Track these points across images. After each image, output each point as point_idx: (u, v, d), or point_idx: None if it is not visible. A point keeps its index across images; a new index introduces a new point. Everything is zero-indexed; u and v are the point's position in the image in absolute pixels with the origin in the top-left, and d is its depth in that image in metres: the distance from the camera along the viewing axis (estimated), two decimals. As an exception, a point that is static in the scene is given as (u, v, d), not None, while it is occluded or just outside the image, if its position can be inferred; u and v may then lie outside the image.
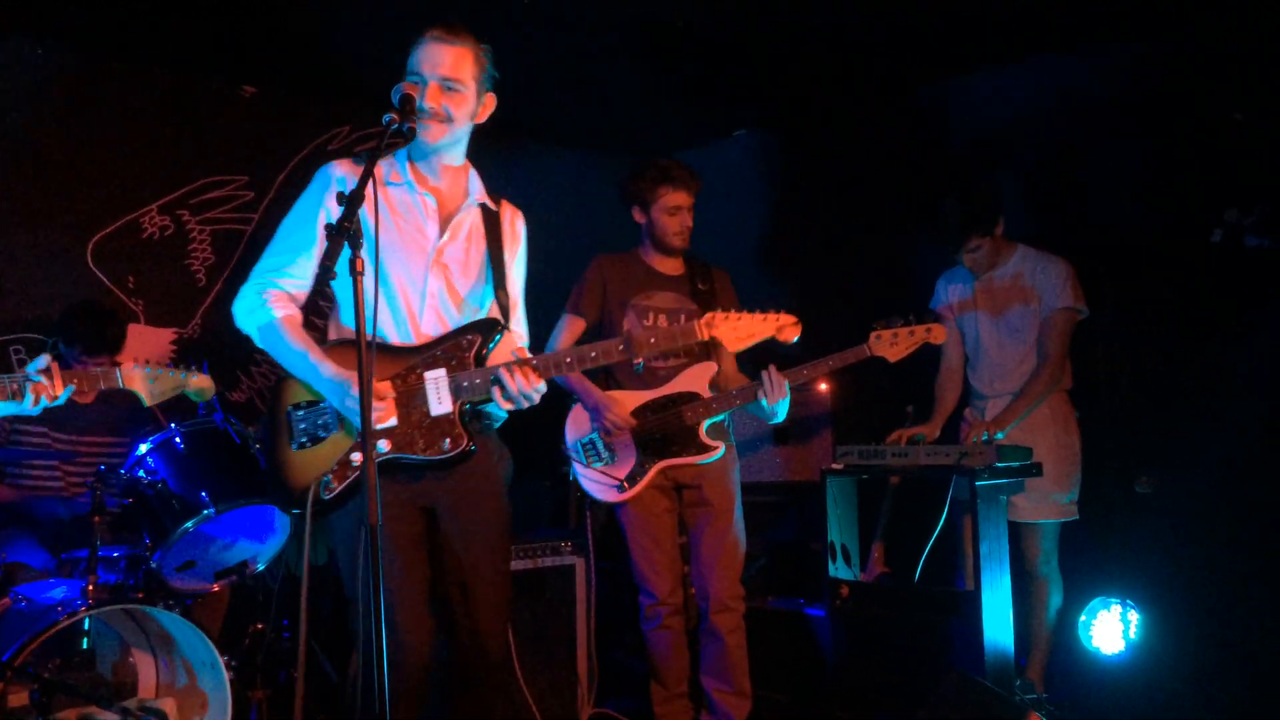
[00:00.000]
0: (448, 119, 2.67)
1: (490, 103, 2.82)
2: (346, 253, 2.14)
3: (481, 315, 2.84)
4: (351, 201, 2.17)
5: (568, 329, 4.06)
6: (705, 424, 3.86)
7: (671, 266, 4.07)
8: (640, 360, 2.78)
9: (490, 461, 2.81)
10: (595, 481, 3.94)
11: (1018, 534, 4.02)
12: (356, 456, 2.62)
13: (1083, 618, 4.19)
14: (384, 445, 2.61)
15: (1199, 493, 4.16)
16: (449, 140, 2.73)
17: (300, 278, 2.72)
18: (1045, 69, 4.89)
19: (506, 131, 6.03)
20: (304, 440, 2.66)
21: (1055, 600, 4.11)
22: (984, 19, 4.55)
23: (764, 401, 3.67)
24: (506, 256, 2.88)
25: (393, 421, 2.62)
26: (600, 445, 3.93)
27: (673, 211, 3.96)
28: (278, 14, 4.37)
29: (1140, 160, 4.56)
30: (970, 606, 3.62)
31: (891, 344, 3.69)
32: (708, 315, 2.84)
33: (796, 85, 5.46)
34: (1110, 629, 4.09)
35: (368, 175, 2.24)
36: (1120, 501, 4.17)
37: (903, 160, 5.42)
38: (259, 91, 5.24)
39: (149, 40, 4.73)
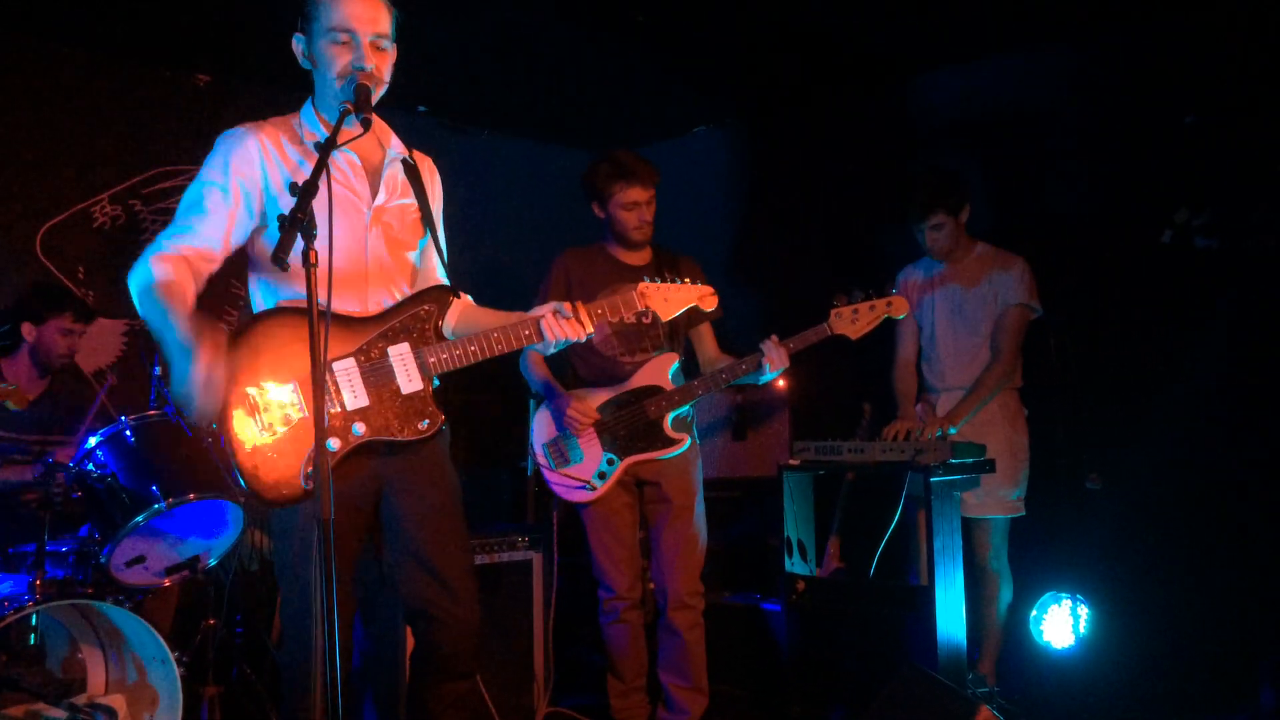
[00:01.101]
0: (383, 80, 2.56)
1: (394, 56, 2.67)
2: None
3: (420, 273, 2.79)
4: (305, 192, 2.10)
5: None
6: (669, 417, 3.82)
7: (637, 258, 4.01)
8: (592, 332, 2.76)
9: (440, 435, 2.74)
10: (563, 484, 3.89)
11: (968, 530, 4.06)
12: (335, 442, 2.50)
13: (1034, 612, 4.25)
14: (360, 428, 2.53)
15: (1147, 489, 4.23)
16: (378, 100, 2.59)
17: (209, 242, 2.51)
18: (1003, 68, 4.94)
19: (465, 122, 6.03)
20: (275, 428, 2.49)
21: (1006, 595, 4.15)
22: (944, 17, 4.59)
23: (768, 371, 3.64)
24: (434, 209, 2.81)
25: (365, 401, 2.55)
26: (566, 447, 3.89)
27: (630, 207, 3.90)
28: (231, 3, 4.32)
29: (1094, 161, 4.63)
30: (924, 601, 3.65)
31: (853, 321, 3.64)
32: (640, 285, 2.90)
33: (757, 81, 5.48)
34: (1061, 623, 4.15)
35: (321, 166, 2.17)
36: (1071, 498, 4.22)
37: (863, 156, 5.46)
38: (212, 80, 5.17)
39: (101, 27, 4.65)
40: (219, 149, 2.57)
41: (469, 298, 2.88)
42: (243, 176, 2.53)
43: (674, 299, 2.94)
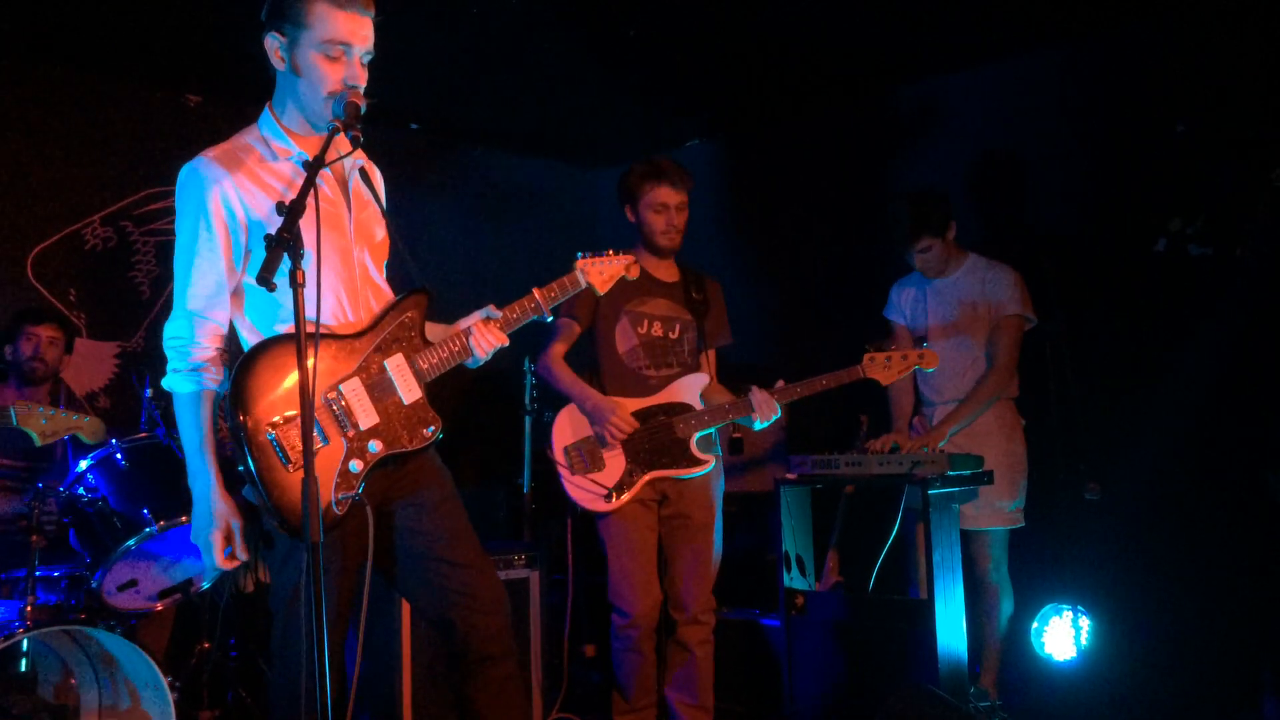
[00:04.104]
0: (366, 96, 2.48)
1: None
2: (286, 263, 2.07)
3: (383, 277, 2.77)
4: (292, 212, 2.08)
5: (562, 334, 3.92)
6: (696, 436, 3.78)
7: (667, 273, 3.96)
8: (549, 315, 2.85)
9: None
10: (581, 489, 3.80)
11: (967, 542, 4.03)
12: (356, 463, 2.50)
13: (1035, 624, 4.22)
14: (376, 445, 2.53)
15: (1146, 499, 4.21)
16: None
17: (228, 304, 2.55)
18: (992, 78, 4.94)
19: (457, 138, 6.03)
20: (299, 459, 2.43)
21: (1007, 608, 4.13)
22: (932, 28, 4.59)
23: (756, 421, 3.72)
24: (386, 209, 2.77)
25: (375, 419, 2.54)
26: (589, 453, 3.80)
27: (659, 209, 3.84)
28: (221, 23, 4.31)
29: (1087, 170, 4.63)
30: (924, 615, 3.63)
31: (885, 367, 3.73)
32: (578, 262, 2.97)
33: (749, 94, 5.48)
34: (1062, 635, 4.13)
35: (310, 184, 2.15)
36: (1069, 508, 4.20)
37: (854, 167, 5.46)
38: (203, 100, 5.17)
39: (90, 49, 4.65)
40: (190, 196, 2.49)
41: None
42: (222, 222, 2.48)
43: (607, 271, 3.01)
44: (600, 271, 2.98)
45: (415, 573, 2.67)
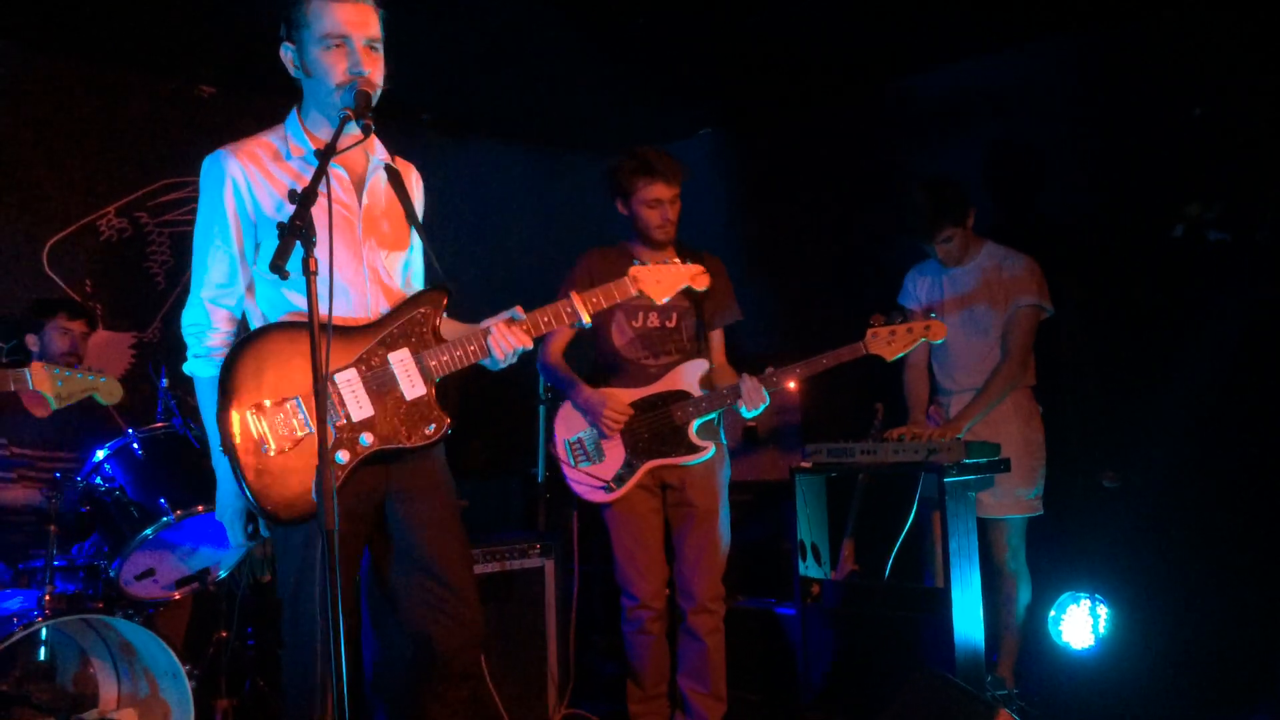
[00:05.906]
0: (377, 84, 2.50)
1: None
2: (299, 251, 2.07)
3: (411, 278, 2.78)
4: (304, 200, 2.09)
5: (560, 332, 3.95)
6: (695, 424, 3.76)
7: (660, 258, 3.86)
8: (588, 321, 2.76)
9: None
10: (582, 483, 3.84)
11: (984, 530, 4.01)
12: (343, 455, 2.48)
13: (1052, 613, 4.21)
14: (367, 438, 2.51)
15: (1164, 486, 4.19)
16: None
17: (240, 292, 2.61)
18: (1006, 64, 4.91)
19: (469, 129, 6.02)
20: (284, 446, 2.47)
21: (1024, 596, 4.11)
22: (943, 15, 4.56)
23: (744, 409, 3.68)
24: (419, 214, 2.78)
25: (370, 411, 2.53)
26: (588, 445, 3.83)
27: (653, 205, 3.81)
28: (236, 13, 4.31)
29: (1102, 156, 4.59)
30: (940, 603, 3.62)
31: (889, 342, 3.60)
32: (631, 269, 2.85)
33: (760, 83, 5.46)
34: (1080, 624, 4.11)
35: (321, 173, 2.16)
36: (1087, 496, 4.18)
37: (866, 156, 5.43)
38: (217, 91, 5.17)
39: (105, 40, 4.66)
40: (207, 188, 2.57)
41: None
42: (234, 213, 2.54)
43: (666, 281, 2.87)
44: (658, 281, 2.86)
45: (402, 580, 2.65)
